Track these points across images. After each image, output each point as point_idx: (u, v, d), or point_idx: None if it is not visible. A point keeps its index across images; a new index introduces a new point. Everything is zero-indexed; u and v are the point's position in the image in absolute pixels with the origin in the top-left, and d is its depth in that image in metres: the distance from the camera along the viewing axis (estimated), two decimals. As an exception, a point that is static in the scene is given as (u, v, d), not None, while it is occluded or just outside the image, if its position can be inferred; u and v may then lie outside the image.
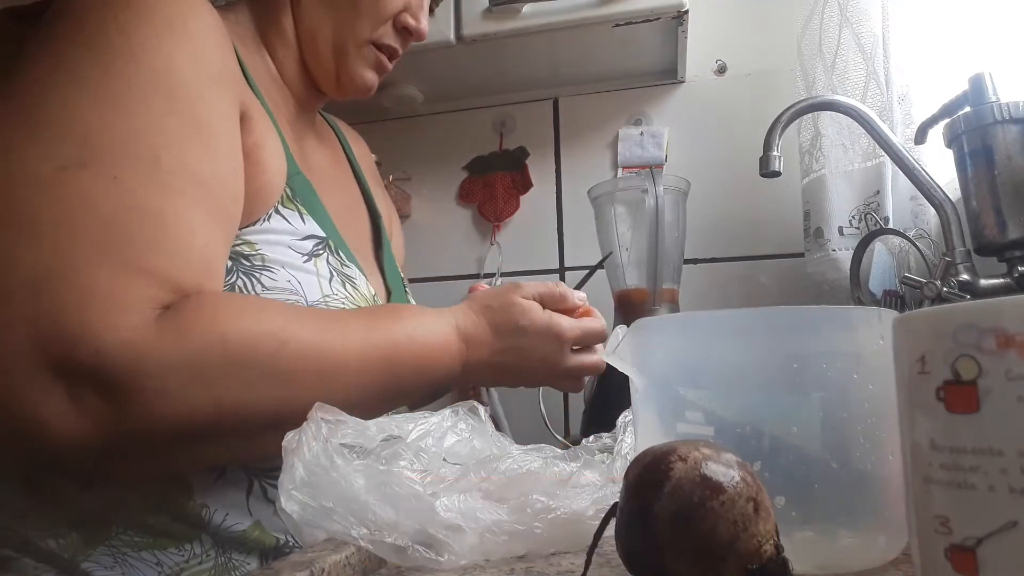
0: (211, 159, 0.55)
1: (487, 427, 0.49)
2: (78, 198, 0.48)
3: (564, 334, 0.69)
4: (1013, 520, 0.22)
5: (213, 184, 0.54)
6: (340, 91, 0.77)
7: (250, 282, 0.59)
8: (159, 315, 0.48)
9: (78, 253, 0.47)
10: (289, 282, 0.61)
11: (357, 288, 0.69)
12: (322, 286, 0.64)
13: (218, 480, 0.58)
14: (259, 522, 0.59)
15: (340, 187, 0.83)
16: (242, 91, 0.62)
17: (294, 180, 0.66)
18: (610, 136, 1.30)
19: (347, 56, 0.74)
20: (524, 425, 0.96)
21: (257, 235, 0.61)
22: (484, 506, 0.39)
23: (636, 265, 1.00)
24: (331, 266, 0.67)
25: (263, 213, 0.62)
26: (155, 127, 0.52)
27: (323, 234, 0.67)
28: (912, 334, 0.26)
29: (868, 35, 0.97)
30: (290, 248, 0.63)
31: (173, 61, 0.54)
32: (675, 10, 1.05)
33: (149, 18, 0.54)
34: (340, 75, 0.75)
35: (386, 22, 0.74)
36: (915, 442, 0.25)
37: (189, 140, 0.54)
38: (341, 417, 0.42)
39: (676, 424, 0.38)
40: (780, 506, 0.34)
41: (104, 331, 0.45)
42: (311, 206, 0.67)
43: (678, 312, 1.00)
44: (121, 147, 0.50)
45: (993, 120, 0.72)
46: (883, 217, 0.94)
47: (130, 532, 0.56)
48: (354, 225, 0.81)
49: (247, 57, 0.68)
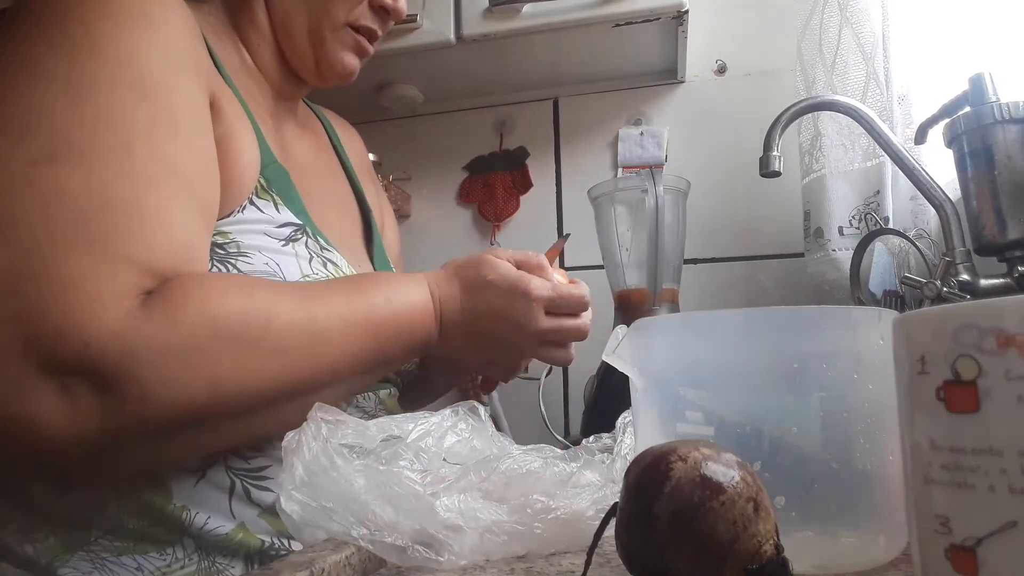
0: (185, 148, 0.54)
1: (487, 427, 0.49)
2: (51, 192, 0.47)
3: (531, 291, 0.66)
4: (1013, 520, 0.22)
5: (188, 174, 0.54)
6: (321, 78, 0.75)
7: (226, 268, 0.59)
8: (143, 301, 0.48)
9: (55, 247, 0.46)
10: (267, 264, 0.61)
11: (341, 270, 0.68)
12: (301, 267, 0.63)
13: (199, 482, 0.57)
14: (243, 524, 0.58)
15: (324, 178, 0.81)
16: (212, 80, 0.61)
17: (269, 170, 0.65)
18: (610, 136, 1.30)
19: (324, 41, 0.72)
20: (524, 425, 0.96)
21: (231, 225, 0.60)
22: (484, 506, 0.39)
23: (636, 265, 1.00)
24: (310, 249, 0.66)
25: (237, 205, 0.61)
26: (125, 117, 0.51)
27: (299, 222, 0.66)
28: (912, 334, 0.26)
29: (868, 35, 0.97)
30: (266, 235, 0.62)
31: (137, 50, 0.53)
32: (675, 10, 1.05)
33: (106, 10, 0.53)
34: (319, 61, 0.73)
35: (361, 2, 0.73)
36: (915, 442, 0.25)
37: (161, 129, 0.53)
38: (341, 417, 0.42)
39: (676, 424, 0.38)
40: (780, 506, 0.34)
41: (89, 322, 0.45)
42: (286, 195, 0.66)
43: (678, 312, 1.00)
44: (91, 139, 0.49)
45: (993, 120, 0.72)
46: (883, 217, 0.94)
47: (109, 536, 0.55)
48: (340, 216, 0.79)
49: (219, 48, 0.67)
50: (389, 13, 0.75)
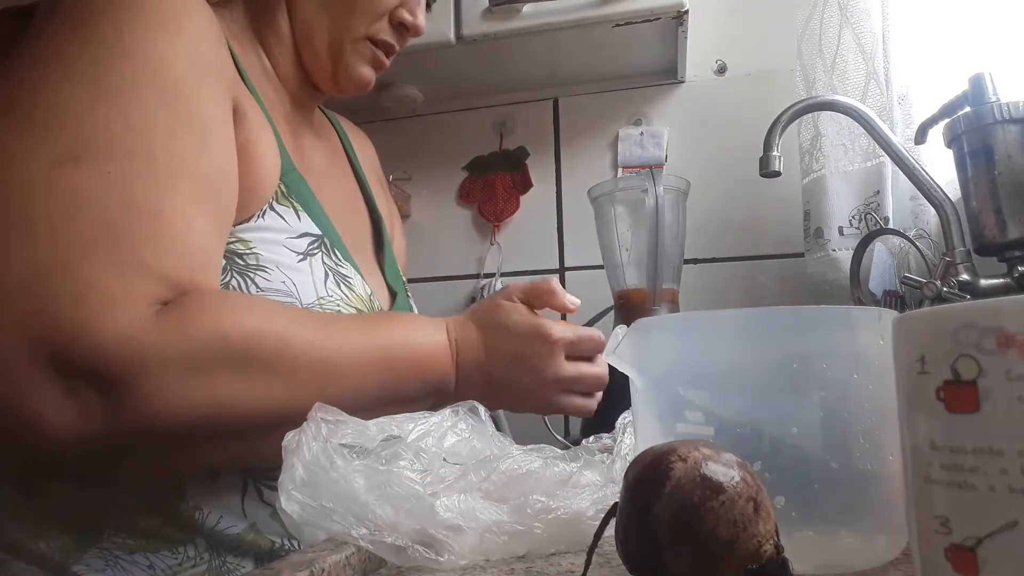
0: (206, 154, 0.54)
1: (487, 427, 0.49)
2: (72, 194, 0.47)
3: (552, 334, 0.65)
4: (1013, 520, 0.22)
5: (208, 180, 0.54)
6: (337, 88, 0.76)
7: (244, 282, 0.59)
8: (158, 311, 0.48)
9: (73, 249, 0.46)
10: (284, 283, 0.61)
11: (353, 288, 0.69)
12: (317, 288, 0.64)
13: (213, 482, 0.57)
14: (254, 525, 0.59)
15: (338, 186, 0.82)
16: (236, 87, 0.62)
17: (289, 177, 0.66)
18: (610, 136, 1.30)
19: (343, 53, 0.73)
20: (524, 425, 0.96)
21: (251, 233, 0.61)
22: (484, 506, 0.39)
23: (636, 265, 1.00)
24: (326, 266, 0.66)
25: (257, 210, 0.62)
26: (148, 122, 0.52)
27: (319, 231, 0.67)
28: (912, 334, 0.26)
29: (868, 35, 0.97)
30: (285, 247, 0.63)
31: (166, 56, 0.54)
32: (675, 10, 1.06)
33: (141, 13, 0.54)
34: (337, 72, 0.74)
35: (382, 18, 0.74)
36: (915, 442, 0.25)
37: (183, 135, 0.53)
38: (341, 417, 0.42)
39: (676, 424, 0.38)
40: (780, 506, 0.34)
41: (102, 326, 0.45)
42: (306, 203, 0.67)
43: (678, 312, 1.00)
44: (114, 142, 0.50)
45: (993, 120, 0.72)
46: (883, 217, 0.94)
47: (122, 534, 0.56)
48: (353, 224, 0.80)
49: (242, 54, 0.68)
50: (408, 29, 0.76)
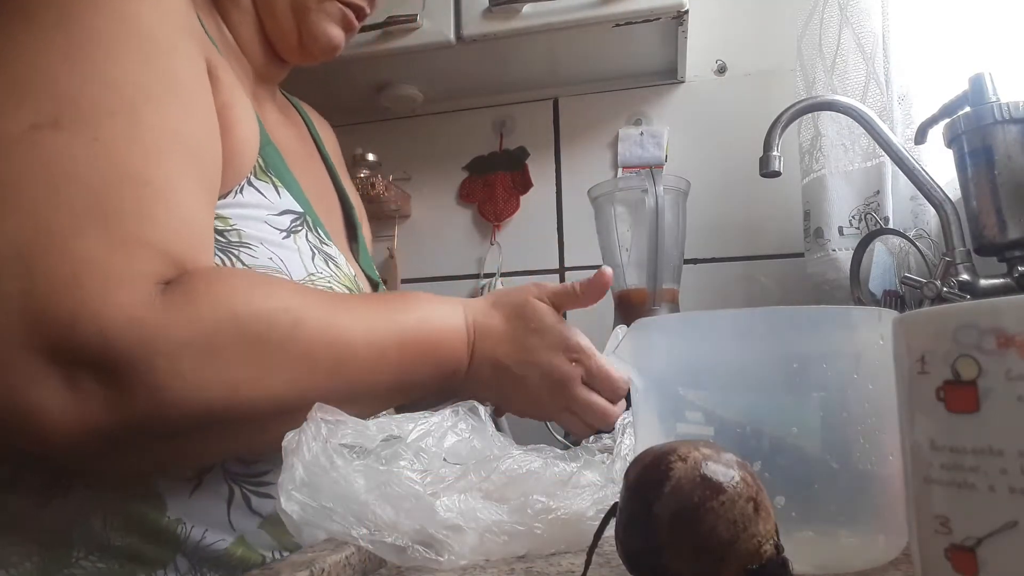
0: (190, 117, 0.51)
1: (487, 427, 0.49)
2: (57, 161, 0.44)
3: (581, 352, 0.62)
4: (1013, 520, 0.22)
5: (195, 145, 0.51)
6: (303, 53, 0.72)
7: (229, 260, 0.55)
8: (163, 290, 0.44)
9: (65, 222, 0.42)
10: (271, 259, 0.58)
11: (340, 267, 0.66)
12: (305, 264, 0.61)
13: (195, 491, 0.52)
14: (243, 537, 0.53)
15: (309, 169, 0.78)
16: (206, 47, 0.58)
17: (265, 151, 0.62)
18: (610, 136, 1.30)
19: (308, 12, 0.69)
20: (524, 425, 0.96)
21: (230, 209, 0.57)
22: (484, 506, 0.39)
23: (636, 265, 1.00)
24: (311, 243, 0.63)
25: (236, 183, 0.58)
26: (128, 79, 0.48)
27: (300, 209, 0.63)
28: (912, 334, 0.26)
29: (868, 35, 0.97)
30: (267, 223, 0.59)
31: (139, 10, 0.50)
32: (675, 10, 1.06)
33: None
34: (302, 35, 0.70)
35: None
36: (915, 442, 0.25)
37: (165, 95, 0.50)
38: (341, 417, 0.42)
39: (676, 424, 0.38)
40: (780, 506, 0.34)
41: (105, 308, 0.41)
42: (284, 179, 0.63)
43: (678, 312, 1.00)
44: (94, 101, 0.46)
45: (993, 120, 0.72)
46: (883, 217, 0.94)
47: (92, 557, 0.49)
48: (326, 210, 0.76)
49: (207, 22, 0.63)
50: None
